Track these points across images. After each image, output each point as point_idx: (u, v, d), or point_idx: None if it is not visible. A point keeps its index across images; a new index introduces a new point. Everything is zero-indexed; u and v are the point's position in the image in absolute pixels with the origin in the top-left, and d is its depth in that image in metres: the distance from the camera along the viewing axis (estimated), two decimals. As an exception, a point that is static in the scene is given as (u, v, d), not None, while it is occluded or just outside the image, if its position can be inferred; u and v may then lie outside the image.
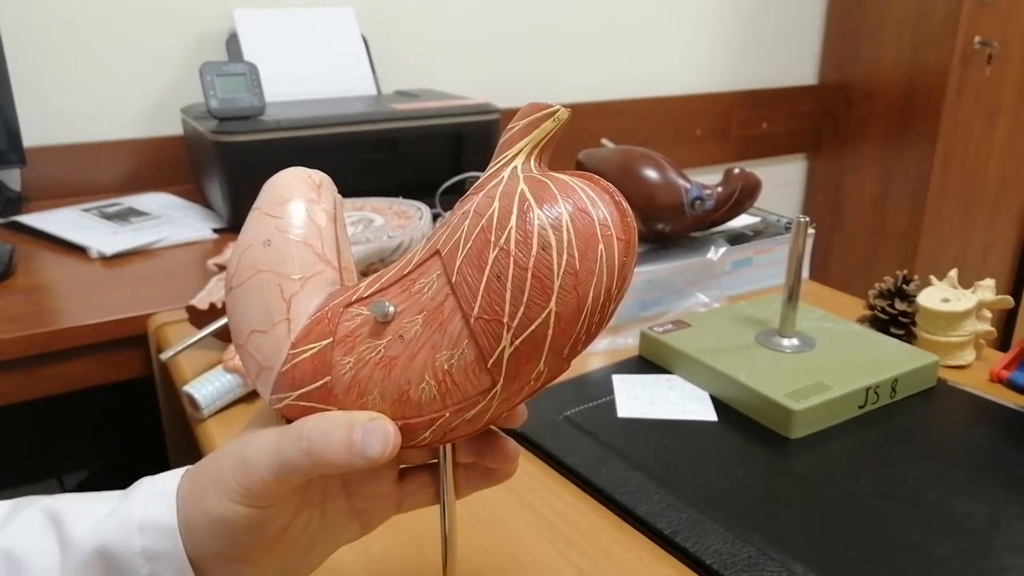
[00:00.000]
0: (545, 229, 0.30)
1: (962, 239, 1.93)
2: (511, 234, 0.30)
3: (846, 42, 1.91)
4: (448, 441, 0.33)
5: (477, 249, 0.31)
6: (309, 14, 1.24)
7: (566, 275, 0.30)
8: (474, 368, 0.31)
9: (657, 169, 0.80)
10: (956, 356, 0.70)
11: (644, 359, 0.71)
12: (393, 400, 0.32)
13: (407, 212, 0.82)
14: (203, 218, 1.09)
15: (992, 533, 0.48)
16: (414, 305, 0.32)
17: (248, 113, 0.99)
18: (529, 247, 0.30)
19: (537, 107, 0.33)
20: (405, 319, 0.32)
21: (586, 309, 0.30)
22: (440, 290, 0.31)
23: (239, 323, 0.34)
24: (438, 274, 0.32)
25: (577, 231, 0.30)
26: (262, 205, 0.35)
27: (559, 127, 0.33)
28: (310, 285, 0.34)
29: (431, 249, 0.32)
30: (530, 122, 0.33)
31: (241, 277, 0.34)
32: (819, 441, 0.58)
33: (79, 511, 0.34)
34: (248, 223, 0.35)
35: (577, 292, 0.30)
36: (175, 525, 0.32)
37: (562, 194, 0.31)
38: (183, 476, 0.34)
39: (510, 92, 1.53)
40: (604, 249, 0.30)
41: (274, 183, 0.36)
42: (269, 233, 0.34)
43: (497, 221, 0.31)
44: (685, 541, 0.47)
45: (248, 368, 0.34)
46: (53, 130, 1.19)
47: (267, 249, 0.34)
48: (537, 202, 0.30)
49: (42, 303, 0.83)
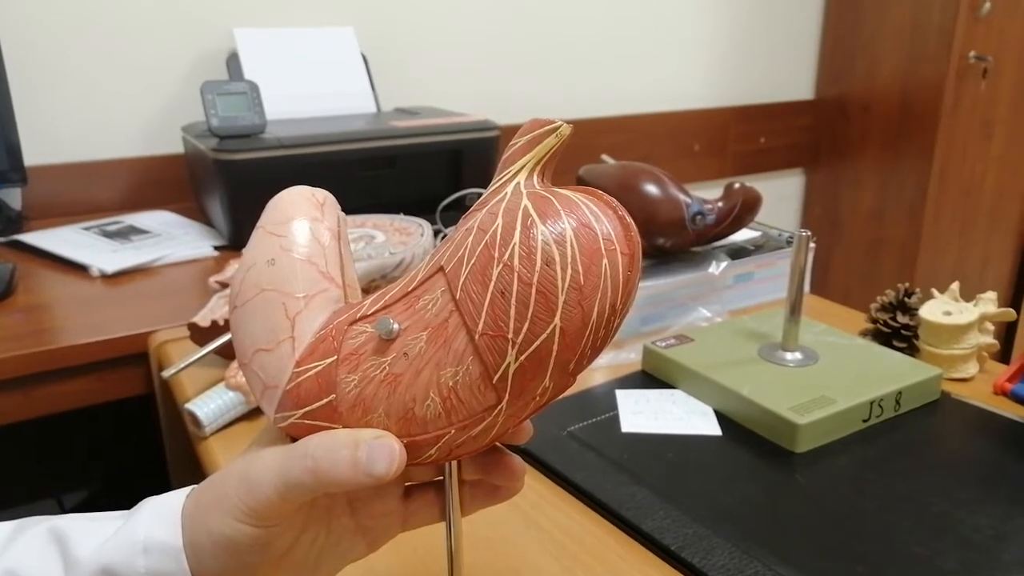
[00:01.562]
0: (549, 244, 0.30)
1: (960, 251, 1.94)
2: (515, 250, 0.30)
3: (842, 57, 1.92)
4: (454, 458, 0.33)
5: (481, 265, 0.31)
6: (309, 33, 1.25)
7: (570, 290, 0.29)
8: (479, 385, 0.31)
9: (658, 184, 0.81)
10: (959, 369, 0.70)
11: (647, 374, 0.71)
12: (398, 418, 0.32)
13: (408, 229, 0.82)
14: (204, 236, 1.09)
15: (999, 547, 0.48)
16: (418, 322, 0.32)
17: (249, 131, 0.99)
18: (533, 262, 0.30)
19: (539, 123, 0.33)
20: (409, 336, 0.32)
21: (591, 324, 0.30)
22: (444, 307, 0.31)
23: (243, 342, 0.34)
24: (442, 291, 0.32)
25: (581, 246, 0.30)
26: (266, 224, 0.35)
27: (561, 143, 0.33)
28: (314, 303, 0.34)
29: (435, 266, 0.32)
30: (532, 138, 0.33)
31: (245, 296, 0.34)
32: (824, 455, 0.58)
33: (83, 531, 0.34)
34: (252, 242, 0.35)
35: (582, 307, 0.30)
36: (180, 546, 0.32)
37: (566, 209, 0.31)
38: (187, 496, 0.34)
39: (509, 109, 1.54)
40: (608, 264, 0.30)
41: (278, 202, 0.36)
42: (273, 252, 0.34)
43: (501, 237, 0.31)
44: (691, 556, 0.47)
45: (252, 387, 0.34)
46: (54, 149, 1.19)
47: (271, 268, 0.34)
48: (541, 217, 0.30)
49: (43, 321, 0.83)
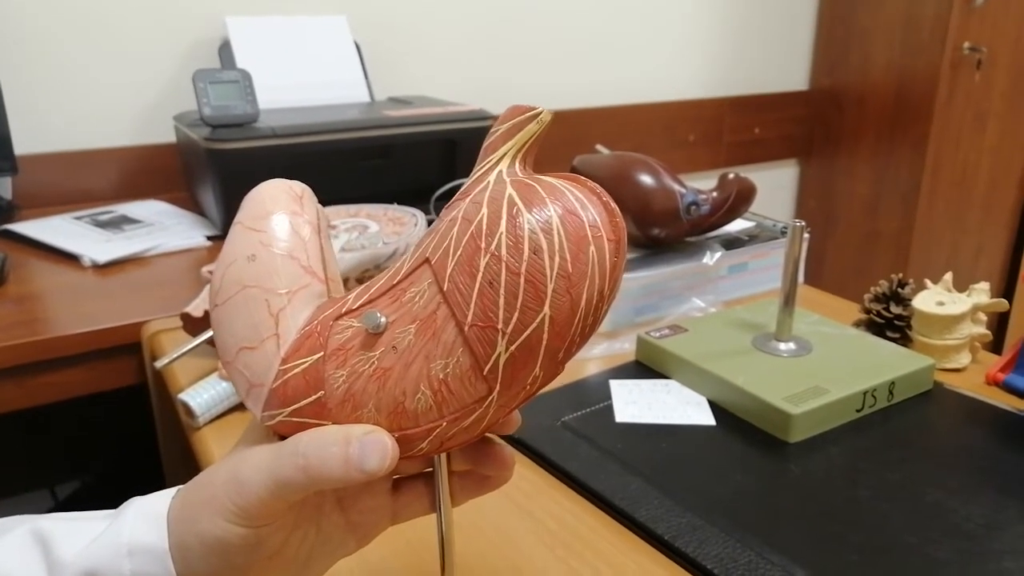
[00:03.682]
0: (536, 233, 0.30)
1: (953, 242, 1.94)
2: (501, 239, 0.30)
3: (837, 48, 1.92)
4: (445, 450, 0.33)
5: (468, 256, 0.30)
6: (301, 22, 1.24)
7: (559, 278, 0.29)
8: (470, 376, 0.30)
9: (652, 174, 0.80)
10: (952, 359, 0.70)
11: (641, 364, 0.71)
12: (389, 412, 0.31)
13: (402, 218, 0.82)
14: (196, 225, 1.08)
15: (991, 536, 0.48)
16: (406, 315, 0.31)
17: (241, 120, 0.98)
18: (520, 251, 0.30)
19: (519, 110, 0.33)
20: (397, 329, 0.31)
21: (580, 312, 0.30)
22: (432, 299, 0.31)
23: (226, 340, 0.33)
24: (429, 282, 0.31)
25: (568, 234, 0.30)
26: (244, 219, 0.34)
27: (542, 129, 0.33)
28: (297, 299, 0.33)
29: (420, 257, 0.32)
30: (513, 125, 0.33)
31: (226, 293, 0.33)
32: (817, 445, 0.58)
33: (66, 533, 0.33)
34: (230, 238, 0.34)
35: (570, 295, 0.30)
36: (165, 548, 0.32)
37: (550, 197, 0.30)
38: (174, 497, 0.33)
39: (503, 98, 1.53)
40: (595, 251, 0.30)
41: (256, 196, 0.35)
42: (253, 248, 0.33)
43: (487, 227, 0.30)
44: (685, 546, 0.47)
45: (238, 386, 0.34)
46: (45, 138, 1.18)
47: (252, 264, 0.33)
48: (526, 206, 0.30)
49: (35, 311, 0.83)
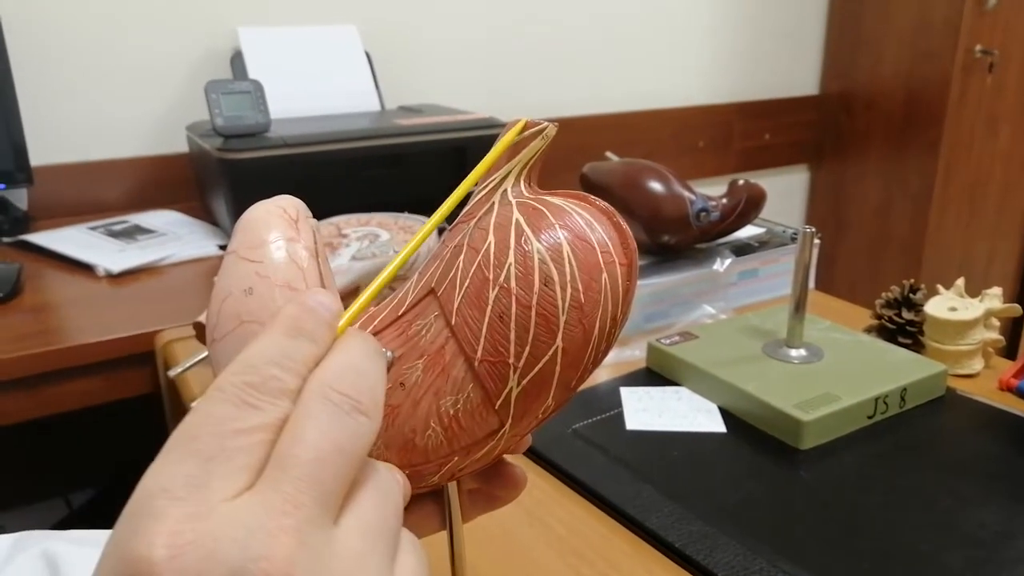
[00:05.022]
0: (546, 263, 0.29)
1: (965, 247, 1.93)
2: (511, 271, 0.29)
3: (846, 52, 1.92)
4: (456, 479, 0.32)
5: (476, 288, 0.29)
6: (312, 32, 1.25)
7: (571, 309, 0.28)
8: (481, 411, 0.30)
9: (662, 181, 0.80)
10: (965, 365, 0.69)
11: (652, 371, 0.71)
12: (399, 448, 0.31)
13: (413, 227, 0.82)
14: (209, 235, 1.09)
15: (1005, 544, 0.48)
16: (413, 350, 0.30)
17: (253, 130, 0.99)
18: (531, 283, 0.29)
19: (524, 125, 0.32)
20: (404, 365, 0.30)
21: (592, 341, 0.29)
22: (439, 332, 0.30)
23: None
24: (435, 315, 0.30)
25: (579, 262, 0.29)
26: (239, 248, 0.33)
27: (547, 144, 0.32)
28: None
29: (425, 287, 0.31)
30: (518, 142, 0.32)
31: (224, 328, 0.32)
32: (829, 452, 0.58)
33: (77, 557, 0.33)
34: (225, 268, 0.33)
35: (583, 325, 0.29)
36: None
37: (559, 221, 0.29)
38: None
39: (513, 106, 1.54)
40: (608, 277, 0.29)
41: (249, 222, 0.33)
42: (250, 280, 0.32)
43: (495, 257, 0.29)
44: (696, 554, 0.47)
45: None
46: (60, 149, 1.19)
47: (249, 298, 0.32)
48: (534, 232, 0.29)
49: (49, 321, 0.84)
